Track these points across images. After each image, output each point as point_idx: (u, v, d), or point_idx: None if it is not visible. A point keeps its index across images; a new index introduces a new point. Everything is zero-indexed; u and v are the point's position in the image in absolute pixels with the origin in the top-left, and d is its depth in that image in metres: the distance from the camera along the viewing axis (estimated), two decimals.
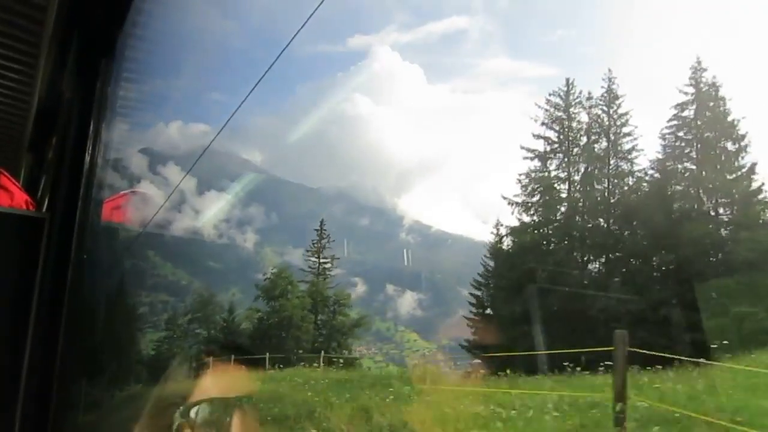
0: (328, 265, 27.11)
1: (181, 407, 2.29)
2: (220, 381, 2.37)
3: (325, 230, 27.73)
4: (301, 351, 22.62)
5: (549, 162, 25.27)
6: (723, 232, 20.82)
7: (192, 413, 2.21)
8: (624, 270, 22.10)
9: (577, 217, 23.30)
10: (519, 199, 24.20)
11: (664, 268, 20.86)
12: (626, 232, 22.51)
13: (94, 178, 2.10)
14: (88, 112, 2.14)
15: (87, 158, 2.09)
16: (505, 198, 24.26)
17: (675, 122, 23.01)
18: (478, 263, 28.28)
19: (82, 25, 2.33)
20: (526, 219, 24.23)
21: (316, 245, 26.99)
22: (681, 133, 22.88)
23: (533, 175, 25.10)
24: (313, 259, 26.92)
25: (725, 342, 12.30)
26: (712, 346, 12.33)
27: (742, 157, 21.30)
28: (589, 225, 22.88)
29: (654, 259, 21.27)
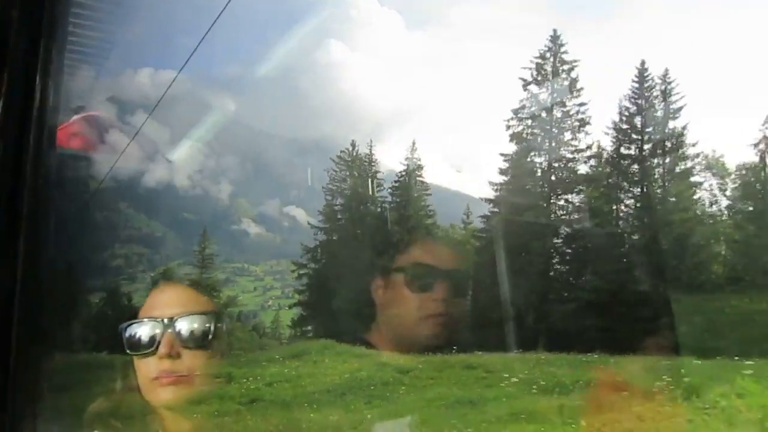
0: (210, 261, 34.47)
1: (124, 324, 2.28)
2: (160, 301, 2.35)
3: (208, 233, 36.22)
4: None
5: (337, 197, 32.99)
6: None
7: (127, 331, 2.21)
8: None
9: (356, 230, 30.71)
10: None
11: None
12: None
13: (47, 103, 2.01)
14: (37, 34, 2.03)
15: (38, 80, 1.99)
16: (320, 212, 31.98)
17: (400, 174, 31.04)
18: (451, 212, 32.96)
19: None
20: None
21: (201, 245, 34.25)
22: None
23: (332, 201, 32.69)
24: (199, 256, 34.58)
25: None
26: None
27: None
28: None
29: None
